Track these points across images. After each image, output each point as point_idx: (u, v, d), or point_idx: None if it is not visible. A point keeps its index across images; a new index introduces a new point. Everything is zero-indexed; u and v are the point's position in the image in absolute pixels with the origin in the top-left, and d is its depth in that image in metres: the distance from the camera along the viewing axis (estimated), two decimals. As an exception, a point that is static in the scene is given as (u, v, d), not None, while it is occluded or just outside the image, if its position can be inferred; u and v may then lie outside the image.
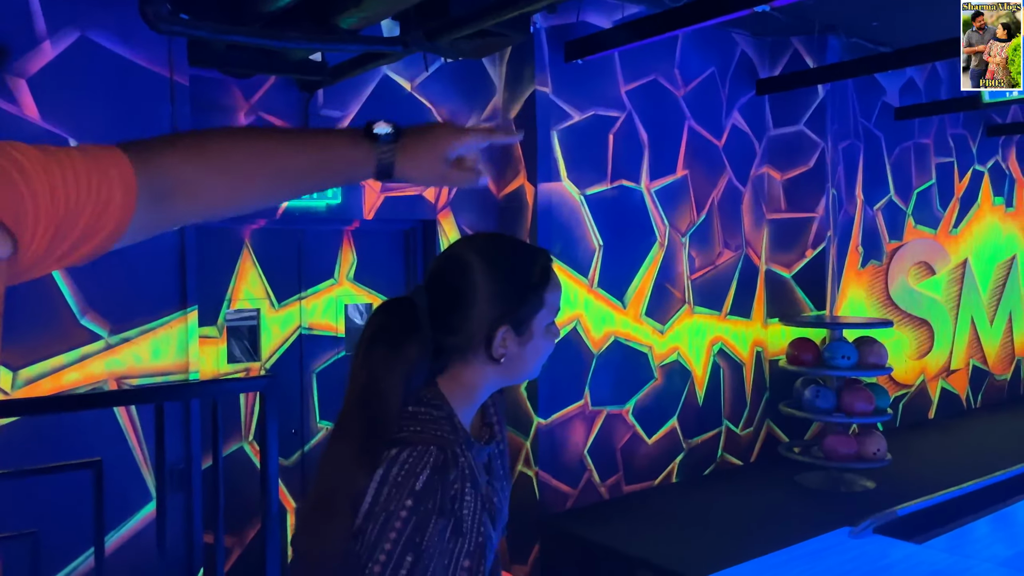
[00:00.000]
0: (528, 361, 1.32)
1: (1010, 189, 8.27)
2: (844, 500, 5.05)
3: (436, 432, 1.23)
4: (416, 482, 1.17)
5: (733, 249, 5.81)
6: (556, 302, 1.34)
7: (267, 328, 4.31)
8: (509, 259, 1.32)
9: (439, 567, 1.19)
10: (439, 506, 1.18)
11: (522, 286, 1.29)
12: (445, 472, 1.19)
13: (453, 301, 1.28)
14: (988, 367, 8.04)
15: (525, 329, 1.29)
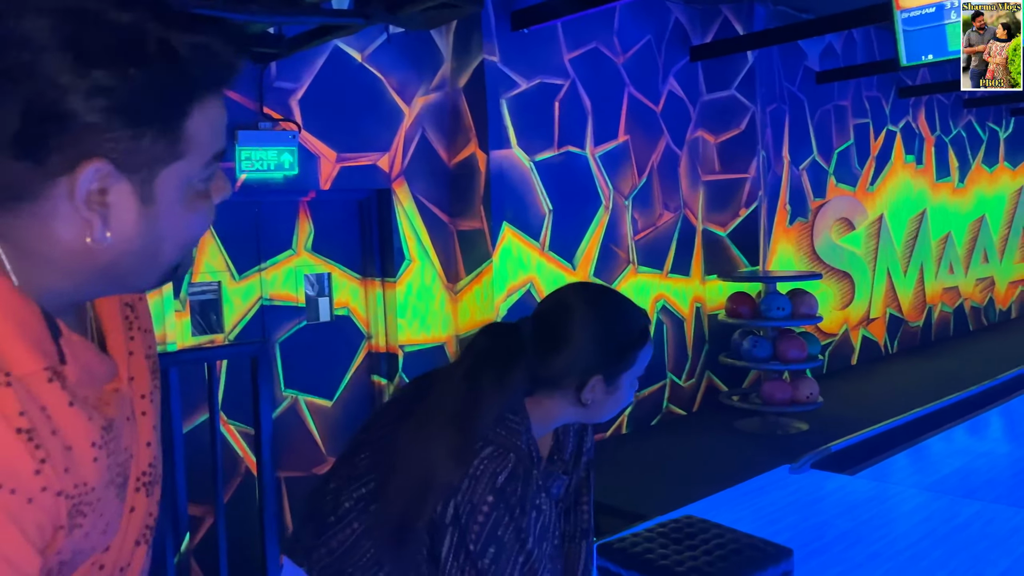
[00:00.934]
0: (608, 409, 1.41)
1: (920, 147, 8.81)
2: (781, 442, 5.43)
3: (517, 442, 1.32)
4: (497, 480, 1.26)
5: (672, 210, 6.08)
6: (646, 360, 1.42)
7: (229, 300, 4.36)
8: (615, 316, 1.40)
9: (524, 561, 1.27)
10: (521, 503, 1.27)
11: (622, 344, 1.37)
12: (523, 478, 1.28)
13: (556, 341, 1.36)
14: (903, 315, 8.62)
15: (614, 381, 1.37)
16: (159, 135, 0.66)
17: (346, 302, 4.81)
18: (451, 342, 5.05)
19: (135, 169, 0.65)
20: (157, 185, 0.67)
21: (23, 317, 0.67)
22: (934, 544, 3.58)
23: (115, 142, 0.63)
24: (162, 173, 0.67)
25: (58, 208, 0.64)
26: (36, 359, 0.66)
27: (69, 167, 0.63)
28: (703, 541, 2.48)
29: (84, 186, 0.63)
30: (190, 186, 0.70)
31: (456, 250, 5.03)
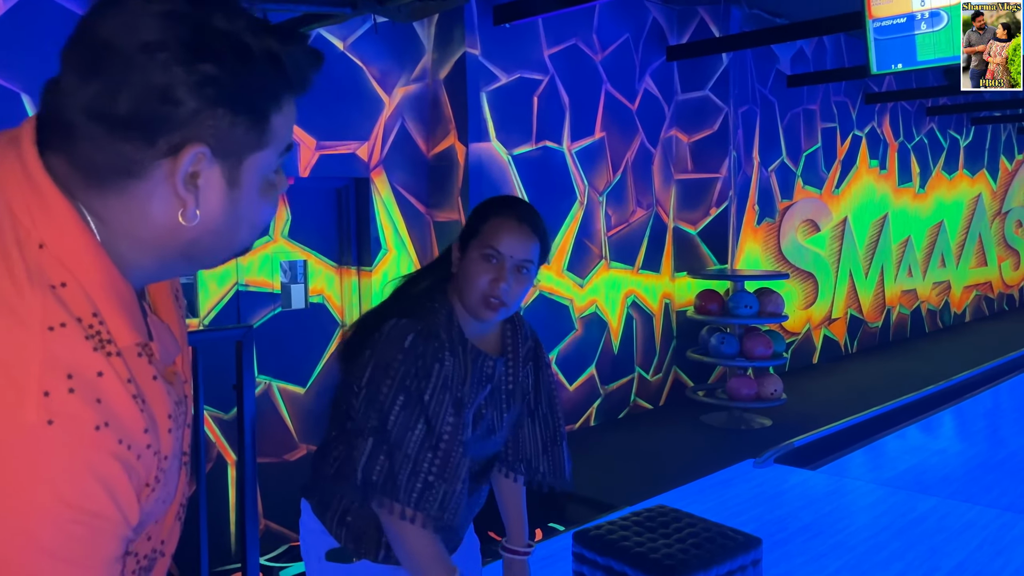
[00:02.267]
0: (464, 281, 1.56)
1: (884, 153, 9.03)
2: (745, 436, 5.57)
3: (431, 319, 1.54)
4: (405, 341, 1.48)
5: (645, 208, 6.17)
6: (495, 235, 1.59)
7: (204, 285, 4.34)
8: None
9: (424, 414, 1.47)
10: (426, 358, 1.48)
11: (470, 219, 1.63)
12: (429, 337, 1.50)
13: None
14: (863, 316, 8.84)
15: (465, 253, 1.57)
16: (251, 125, 0.74)
17: (321, 290, 4.82)
18: (425, 332, 5.09)
19: (227, 155, 0.74)
20: (243, 171, 0.76)
21: (123, 293, 0.73)
22: (892, 537, 3.73)
23: (214, 128, 0.71)
24: (247, 160, 0.76)
25: (157, 188, 0.72)
26: (133, 334, 0.73)
27: (173, 150, 0.70)
28: (676, 530, 2.56)
29: (184, 167, 0.71)
30: (267, 174, 0.79)
31: (432, 240, 5.06)
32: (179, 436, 0.80)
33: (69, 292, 0.69)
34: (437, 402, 1.49)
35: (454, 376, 1.51)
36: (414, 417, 1.47)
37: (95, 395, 0.67)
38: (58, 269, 0.70)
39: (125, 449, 0.69)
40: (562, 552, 3.19)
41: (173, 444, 0.77)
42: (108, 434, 0.68)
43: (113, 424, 0.68)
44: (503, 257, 1.52)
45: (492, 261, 1.53)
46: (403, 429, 1.47)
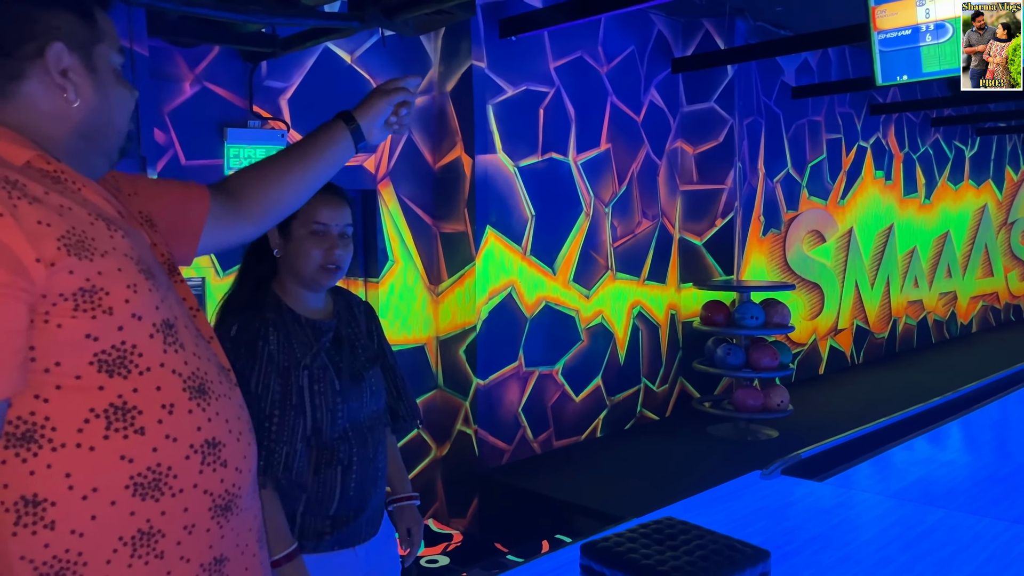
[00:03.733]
0: (292, 258, 1.75)
1: (889, 164, 9.04)
2: (751, 448, 5.56)
3: (250, 306, 1.74)
4: (231, 331, 1.68)
5: (650, 219, 6.19)
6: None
7: (212, 297, 4.36)
8: None
9: (256, 378, 1.66)
10: (249, 336, 1.68)
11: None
12: (251, 320, 1.70)
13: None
14: (869, 327, 8.83)
15: (287, 232, 1.77)
16: (83, 20, 1.00)
17: (328, 301, 4.83)
18: (432, 343, 5.10)
19: (79, 47, 1.00)
20: (95, 59, 1.01)
21: (11, 137, 0.97)
22: (900, 549, 3.70)
23: (59, 28, 0.97)
24: (95, 50, 1.01)
25: (38, 86, 0.98)
26: (20, 154, 0.96)
27: (39, 53, 0.97)
28: (684, 542, 2.55)
29: (54, 63, 0.97)
30: (112, 63, 1.04)
31: (439, 252, 5.08)
32: (137, 245, 0.99)
33: None
34: (264, 374, 1.67)
35: (282, 348, 1.71)
36: (246, 395, 1.61)
37: None
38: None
39: None
40: (569, 564, 3.19)
41: (102, 230, 0.96)
42: None
43: None
44: (329, 227, 1.75)
45: (320, 233, 1.74)
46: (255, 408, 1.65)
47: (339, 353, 1.82)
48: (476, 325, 4.94)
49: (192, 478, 0.95)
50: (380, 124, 1.47)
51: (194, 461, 0.96)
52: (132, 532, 0.91)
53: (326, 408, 1.74)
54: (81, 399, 0.91)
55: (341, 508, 1.79)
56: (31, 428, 0.89)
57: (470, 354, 4.99)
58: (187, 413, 0.95)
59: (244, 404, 1.11)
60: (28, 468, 0.89)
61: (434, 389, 5.13)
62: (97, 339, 0.92)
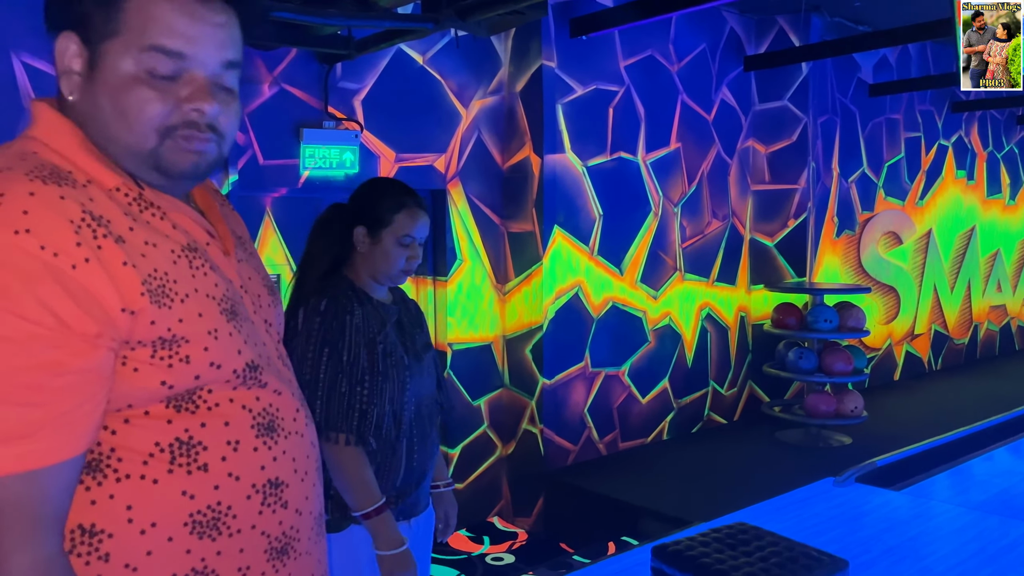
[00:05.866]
0: (377, 260, 1.95)
1: (971, 163, 8.70)
2: (823, 455, 5.43)
3: (333, 291, 1.90)
4: (319, 309, 1.85)
5: (720, 219, 6.10)
6: (406, 226, 1.95)
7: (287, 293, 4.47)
8: (368, 185, 2.05)
9: (347, 350, 1.83)
10: (338, 313, 1.84)
11: (372, 202, 1.99)
12: (337, 300, 1.86)
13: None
14: (948, 332, 8.52)
15: (376, 234, 1.94)
16: (101, 9, 0.89)
17: (398, 299, 4.90)
18: (498, 342, 5.13)
19: (88, 39, 0.90)
20: (100, 56, 0.90)
21: (94, 151, 0.94)
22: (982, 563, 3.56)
23: (76, 15, 0.89)
24: (104, 45, 0.90)
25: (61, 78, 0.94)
26: (112, 178, 0.92)
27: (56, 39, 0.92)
28: (757, 548, 2.51)
29: (61, 52, 0.91)
30: (126, 66, 0.90)
31: (506, 251, 5.10)
32: (219, 282, 0.95)
33: (39, 156, 0.89)
34: (355, 344, 1.84)
35: (365, 321, 1.87)
36: (340, 362, 1.82)
37: (22, 207, 0.81)
38: (36, 145, 0.92)
39: (50, 255, 0.81)
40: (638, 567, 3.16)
41: (185, 272, 0.92)
42: (28, 239, 0.80)
43: (35, 232, 0.81)
44: (416, 239, 1.96)
45: (407, 244, 1.95)
46: (334, 374, 1.82)
47: (402, 335, 2.02)
48: (543, 324, 4.95)
49: (251, 519, 0.92)
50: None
51: (255, 501, 0.92)
52: (186, 570, 0.88)
53: (398, 380, 1.92)
54: (148, 432, 0.88)
55: (405, 480, 1.96)
56: (97, 458, 0.87)
57: (536, 354, 5.00)
58: (252, 451, 0.92)
59: (316, 441, 1.09)
60: (90, 497, 0.86)
61: (500, 388, 5.15)
62: (172, 387, 0.89)
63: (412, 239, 1.95)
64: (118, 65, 0.88)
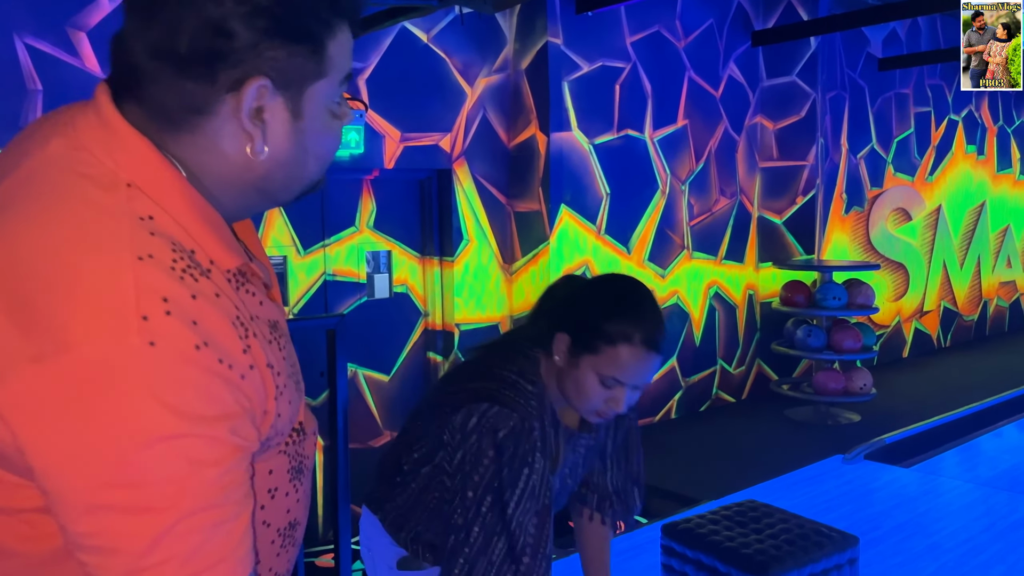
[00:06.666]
0: (571, 388, 1.46)
1: (981, 138, 8.61)
2: (832, 432, 5.42)
3: (524, 404, 1.44)
4: (497, 435, 1.40)
5: (728, 196, 6.06)
6: (620, 366, 1.41)
7: (294, 274, 4.47)
8: (608, 289, 1.49)
9: (513, 510, 1.41)
10: (517, 458, 1.41)
11: (596, 315, 1.43)
12: (521, 435, 1.41)
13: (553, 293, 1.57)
14: (957, 308, 8.47)
15: (577, 355, 1.43)
16: (309, 54, 0.76)
17: (405, 279, 4.90)
18: (505, 322, 5.12)
19: (288, 86, 0.75)
20: (304, 102, 0.77)
21: (215, 221, 0.77)
22: (993, 538, 3.56)
23: (273, 60, 0.73)
24: (308, 90, 0.77)
25: (225, 125, 0.74)
26: (233, 257, 0.77)
27: (235, 85, 0.72)
28: (768, 525, 2.51)
29: (249, 102, 0.73)
30: (329, 105, 0.79)
31: (513, 231, 5.08)
32: (290, 359, 0.84)
33: (158, 224, 0.72)
34: (523, 511, 1.41)
35: (543, 480, 1.44)
36: (499, 526, 1.40)
37: (191, 317, 0.68)
38: (146, 203, 0.72)
39: (227, 368, 0.70)
40: (647, 544, 3.17)
41: (283, 362, 0.80)
42: (208, 353, 0.69)
43: (212, 344, 0.69)
44: (624, 385, 1.42)
45: (610, 387, 1.42)
46: (488, 536, 1.40)
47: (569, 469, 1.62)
48: (550, 304, 4.93)
49: (269, 562, 0.89)
50: None
51: (276, 545, 0.89)
52: None
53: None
54: None
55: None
56: None
57: (544, 333, 4.99)
58: (284, 496, 0.88)
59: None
60: None
61: (508, 367, 5.15)
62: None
63: (618, 383, 1.42)
64: (324, 104, 0.79)
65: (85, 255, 0.68)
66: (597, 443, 1.67)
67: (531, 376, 1.48)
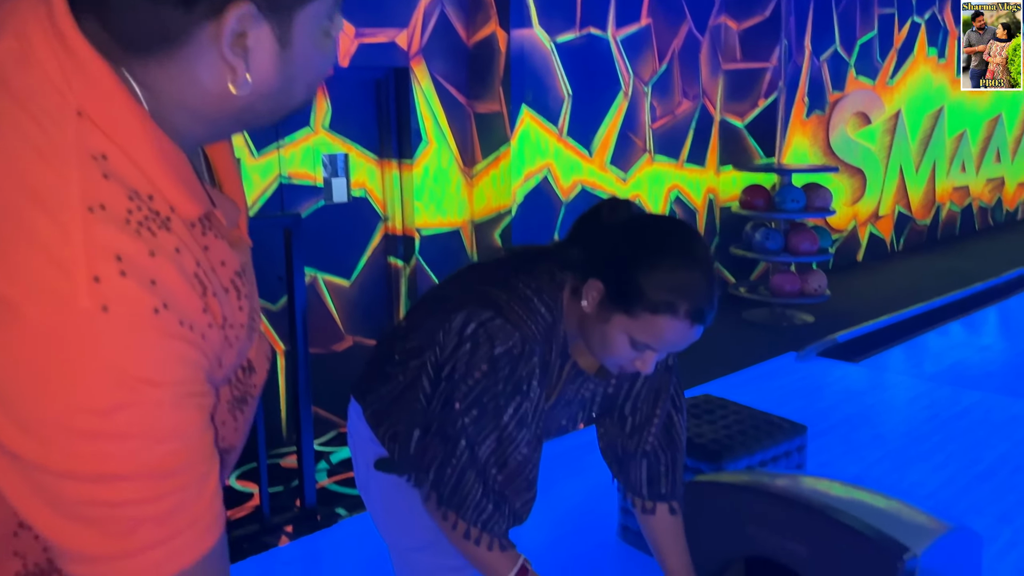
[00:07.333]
0: (596, 343, 1.34)
1: (943, 41, 8.58)
2: (787, 333, 5.56)
3: (531, 325, 1.34)
4: (494, 351, 1.30)
5: (691, 99, 5.99)
6: (653, 333, 1.27)
7: (248, 177, 4.35)
8: (658, 240, 1.34)
9: (497, 434, 1.34)
10: (508, 380, 1.31)
11: (638, 267, 1.28)
12: (520, 359, 1.32)
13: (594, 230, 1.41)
14: (911, 213, 8.62)
15: (608, 307, 1.30)
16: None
17: (363, 183, 4.80)
18: (467, 227, 5.08)
19: (275, 10, 0.65)
20: (294, 26, 0.67)
21: (177, 163, 0.68)
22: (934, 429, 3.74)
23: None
24: (299, 14, 0.67)
25: (202, 53, 0.65)
26: (195, 205, 0.69)
27: (216, 11, 0.62)
28: (722, 417, 2.59)
29: (230, 30, 0.63)
30: (320, 26, 0.70)
31: (473, 133, 4.98)
32: (253, 306, 0.79)
33: (112, 165, 0.63)
34: (509, 438, 1.33)
35: (536, 409, 1.35)
36: (485, 433, 1.32)
37: (149, 277, 0.62)
38: (99, 139, 0.63)
39: (188, 331, 0.65)
40: (605, 439, 3.26)
41: (244, 315, 0.76)
42: (168, 316, 0.63)
43: (172, 305, 0.63)
44: (655, 351, 1.31)
45: (640, 350, 1.30)
46: (472, 446, 1.33)
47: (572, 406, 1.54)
48: (511, 209, 4.90)
49: None
50: None
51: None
52: None
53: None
54: None
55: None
56: None
57: (505, 238, 4.97)
58: (221, 424, 0.83)
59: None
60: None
61: (469, 272, 5.14)
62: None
63: (649, 349, 1.30)
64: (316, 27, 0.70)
65: (26, 207, 0.59)
66: (616, 390, 1.55)
67: (549, 300, 1.36)
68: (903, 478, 3.17)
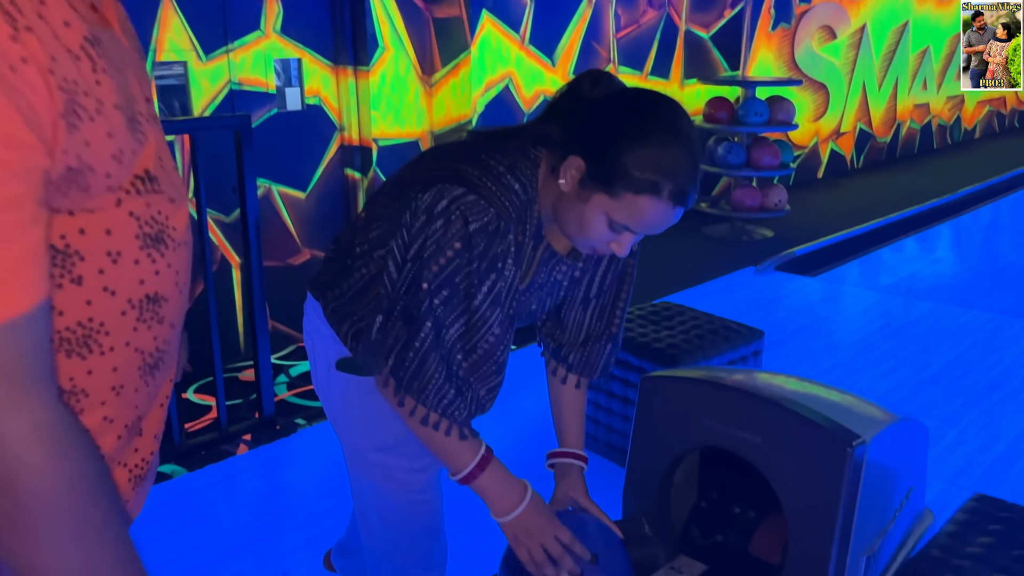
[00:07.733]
0: (572, 222, 1.28)
1: (913, -47, 8.45)
2: (747, 247, 5.60)
3: (504, 202, 1.26)
4: (468, 227, 1.23)
5: (656, 8, 5.84)
6: (637, 215, 1.21)
7: (196, 82, 4.16)
8: (645, 118, 1.24)
9: (468, 316, 1.28)
10: (482, 257, 1.25)
11: (622, 142, 1.21)
12: (495, 236, 1.25)
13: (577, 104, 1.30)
14: (872, 130, 8.64)
15: (589, 186, 1.24)
16: None
17: (317, 91, 4.64)
18: (426, 138, 4.96)
19: None
20: None
21: None
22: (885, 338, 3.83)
23: None
24: None
25: None
26: None
27: None
28: (680, 323, 2.60)
29: None
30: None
31: (432, 39, 4.81)
32: (120, 88, 0.75)
33: None
34: (481, 319, 1.27)
35: (510, 289, 1.29)
36: (455, 315, 1.26)
37: None
38: None
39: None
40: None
41: (89, 76, 0.71)
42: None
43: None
44: (633, 232, 1.25)
45: (618, 231, 1.24)
46: (438, 328, 1.26)
47: (546, 288, 1.49)
48: (471, 119, 4.78)
49: (125, 336, 0.82)
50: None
51: (130, 317, 0.82)
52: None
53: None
54: None
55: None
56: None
57: (466, 148, 4.87)
58: (133, 264, 0.80)
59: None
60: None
61: (429, 184, 5.05)
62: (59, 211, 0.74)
63: (627, 231, 1.24)
64: None
65: None
66: (582, 275, 1.50)
67: (523, 178, 1.28)
68: (855, 383, 3.24)
